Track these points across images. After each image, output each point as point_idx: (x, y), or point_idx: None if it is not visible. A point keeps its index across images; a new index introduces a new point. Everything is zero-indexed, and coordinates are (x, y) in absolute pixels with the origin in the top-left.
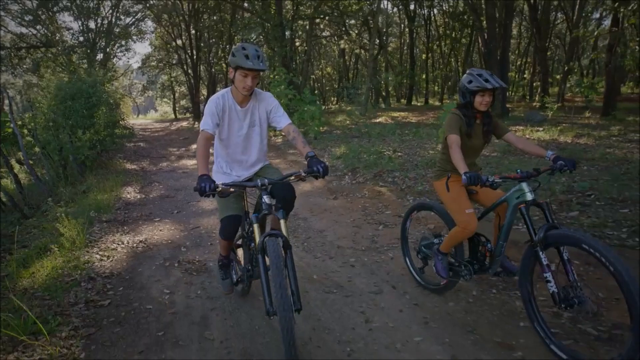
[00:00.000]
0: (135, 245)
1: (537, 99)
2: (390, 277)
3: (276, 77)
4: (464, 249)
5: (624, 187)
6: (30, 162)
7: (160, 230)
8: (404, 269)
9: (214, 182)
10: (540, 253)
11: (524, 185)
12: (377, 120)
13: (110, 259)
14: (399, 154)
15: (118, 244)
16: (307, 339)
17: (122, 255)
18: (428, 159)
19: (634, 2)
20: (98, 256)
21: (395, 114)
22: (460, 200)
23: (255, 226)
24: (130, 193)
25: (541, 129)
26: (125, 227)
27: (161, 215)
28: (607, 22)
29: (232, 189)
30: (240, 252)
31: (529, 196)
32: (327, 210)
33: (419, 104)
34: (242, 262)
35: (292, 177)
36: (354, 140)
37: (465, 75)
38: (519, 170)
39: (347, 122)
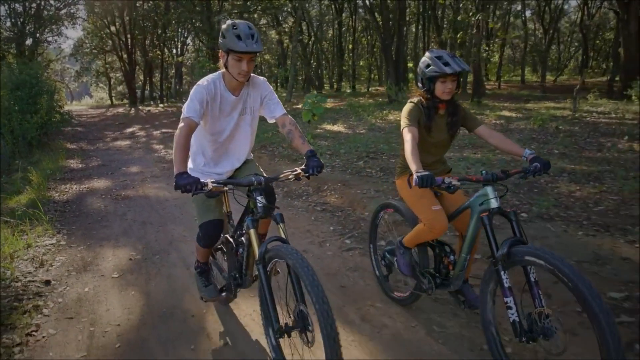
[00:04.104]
0: (81, 189)
1: None
2: None
3: (202, 69)
4: (428, 258)
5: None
6: None
7: (98, 183)
8: None
9: (199, 179)
10: (502, 273)
11: (489, 189)
12: (299, 106)
13: (65, 195)
14: None
15: (69, 189)
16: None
17: (73, 193)
18: (306, 134)
19: (489, 10)
20: (57, 194)
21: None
22: (425, 197)
23: (252, 232)
24: (73, 164)
25: None
26: (72, 182)
27: (99, 175)
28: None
29: (225, 188)
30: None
31: (494, 203)
32: None
33: (348, 91)
34: (226, 268)
35: (291, 176)
36: (263, 122)
37: (423, 58)
38: (483, 172)
39: None
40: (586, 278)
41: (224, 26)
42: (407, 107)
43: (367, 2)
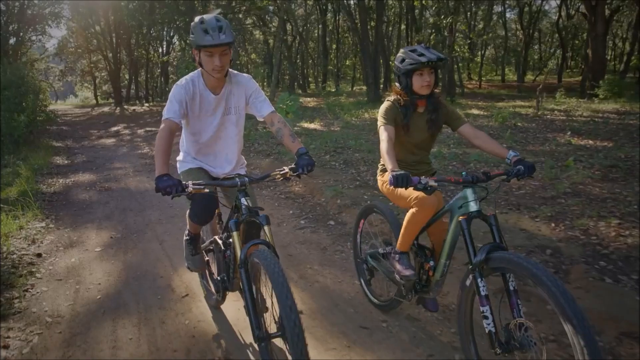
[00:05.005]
0: (67, 182)
1: None
2: None
3: (185, 69)
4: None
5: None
6: None
7: (83, 177)
8: None
9: (180, 181)
10: (479, 280)
11: (469, 192)
12: (280, 105)
13: (53, 187)
14: (266, 129)
15: (56, 182)
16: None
17: (60, 186)
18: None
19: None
20: (45, 186)
21: (301, 100)
22: None
23: (235, 234)
24: (60, 160)
25: None
26: (59, 176)
27: (84, 170)
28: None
29: (206, 190)
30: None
31: (473, 206)
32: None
33: (333, 90)
34: (216, 271)
35: (278, 176)
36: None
37: (397, 55)
38: (464, 173)
39: None
40: (567, 289)
41: (192, 23)
42: (384, 105)
43: (345, 2)
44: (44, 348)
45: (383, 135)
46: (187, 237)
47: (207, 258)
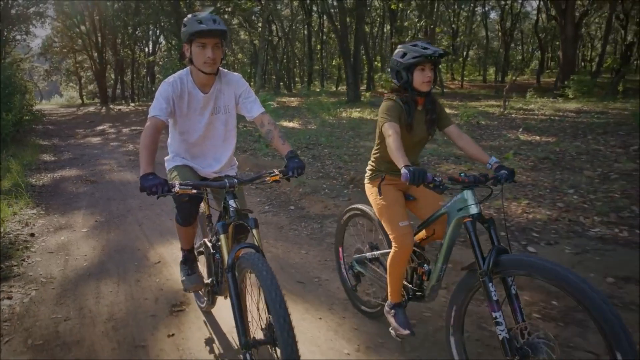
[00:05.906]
0: (55, 177)
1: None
2: None
3: (171, 70)
4: None
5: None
6: None
7: (70, 172)
8: None
9: (166, 181)
10: (490, 285)
11: (469, 194)
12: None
13: (42, 181)
14: (246, 127)
15: (44, 177)
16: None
17: (49, 179)
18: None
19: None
20: (34, 180)
21: (285, 99)
22: (393, 209)
23: (223, 237)
24: (47, 157)
25: (359, 109)
26: (47, 171)
27: (71, 166)
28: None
29: (193, 190)
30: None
31: (474, 209)
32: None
33: (317, 90)
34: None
35: (268, 178)
36: None
37: (396, 50)
38: (462, 174)
39: None
40: (593, 285)
41: (185, 18)
42: (386, 104)
43: (326, 3)
44: (40, 299)
45: (390, 131)
46: (181, 260)
47: (206, 281)
